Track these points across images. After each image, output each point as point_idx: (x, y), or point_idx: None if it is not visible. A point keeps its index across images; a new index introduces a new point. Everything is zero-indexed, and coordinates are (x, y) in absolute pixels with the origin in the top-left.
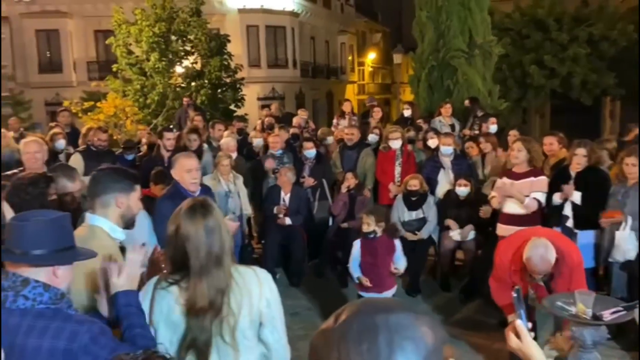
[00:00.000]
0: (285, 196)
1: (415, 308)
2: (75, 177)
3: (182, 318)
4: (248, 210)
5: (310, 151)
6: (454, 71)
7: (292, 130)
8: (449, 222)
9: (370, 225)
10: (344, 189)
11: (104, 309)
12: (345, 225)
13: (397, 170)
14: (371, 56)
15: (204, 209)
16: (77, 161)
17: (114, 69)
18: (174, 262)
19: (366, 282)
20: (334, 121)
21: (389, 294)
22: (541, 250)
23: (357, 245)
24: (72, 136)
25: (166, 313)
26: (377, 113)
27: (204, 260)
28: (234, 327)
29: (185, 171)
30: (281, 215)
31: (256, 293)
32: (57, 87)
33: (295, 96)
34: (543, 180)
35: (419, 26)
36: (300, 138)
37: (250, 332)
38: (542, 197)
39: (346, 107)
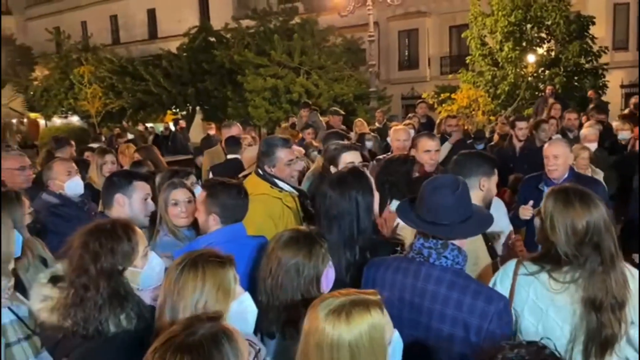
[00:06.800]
0: None
1: None
2: None
3: (553, 306)
4: None
5: None
6: None
7: None
8: None
9: None
10: None
11: None
12: None
13: None
14: None
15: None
16: None
17: (467, 61)
18: (547, 250)
19: None
20: None
21: None
22: None
23: None
24: (427, 126)
25: (532, 299)
26: None
27: (607, 255)
28: (628, 323)
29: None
30: None
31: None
32: (412, 82)
33: None
34: None
35: None
36: None
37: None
38: None
39: None
